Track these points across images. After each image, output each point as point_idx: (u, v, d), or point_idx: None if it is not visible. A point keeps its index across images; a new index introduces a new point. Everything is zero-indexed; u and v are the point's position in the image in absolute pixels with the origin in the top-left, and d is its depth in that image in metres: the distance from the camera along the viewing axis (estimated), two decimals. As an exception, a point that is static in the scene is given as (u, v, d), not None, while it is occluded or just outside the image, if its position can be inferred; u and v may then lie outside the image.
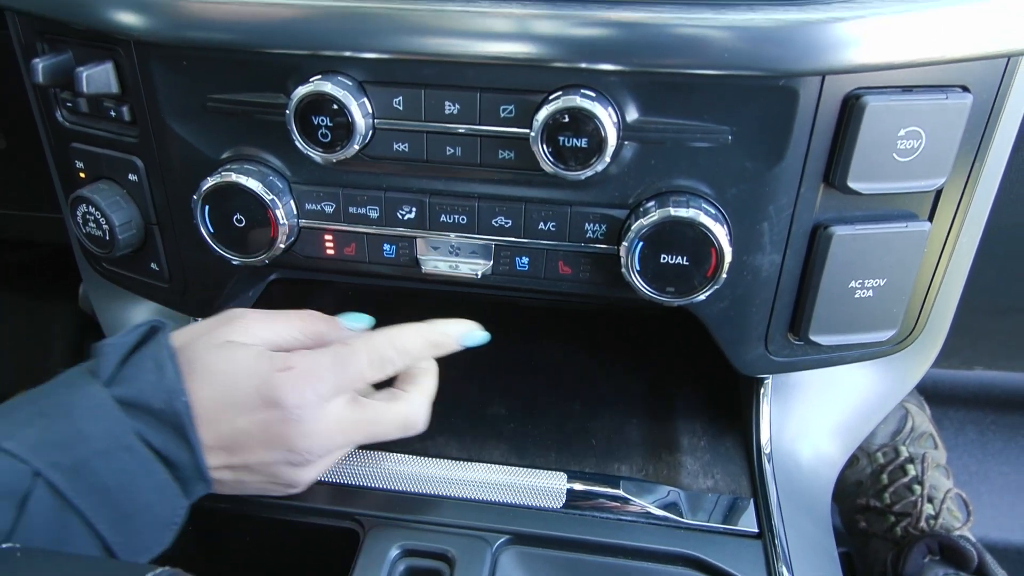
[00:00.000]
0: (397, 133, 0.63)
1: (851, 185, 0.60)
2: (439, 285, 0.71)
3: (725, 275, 0.62)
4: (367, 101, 0.61)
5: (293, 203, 0.67)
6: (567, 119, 0.58)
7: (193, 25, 0.61)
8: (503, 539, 0.64)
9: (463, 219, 0.66)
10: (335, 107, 0.60)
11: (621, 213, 0.63)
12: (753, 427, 0.73)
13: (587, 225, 0.64)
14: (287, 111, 0.61)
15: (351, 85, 0.61)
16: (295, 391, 0.58)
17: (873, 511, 1.25)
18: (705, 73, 0.57)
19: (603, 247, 0.65)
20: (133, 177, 0.71)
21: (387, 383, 0.67)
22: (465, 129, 0.62)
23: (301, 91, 0.60)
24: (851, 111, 0.57)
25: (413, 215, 0.67)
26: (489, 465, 0.70)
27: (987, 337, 1.14)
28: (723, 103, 0.58)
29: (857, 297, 0.65)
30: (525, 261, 0.67)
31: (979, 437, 1.57)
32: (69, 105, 0.72)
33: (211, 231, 0.68)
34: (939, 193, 0.63)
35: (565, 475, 0.68)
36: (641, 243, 0.61)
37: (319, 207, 0.68)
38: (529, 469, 0.69)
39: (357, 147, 0.62)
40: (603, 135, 0.58)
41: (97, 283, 0.88)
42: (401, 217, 0.67)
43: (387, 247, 0.69)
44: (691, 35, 0.55)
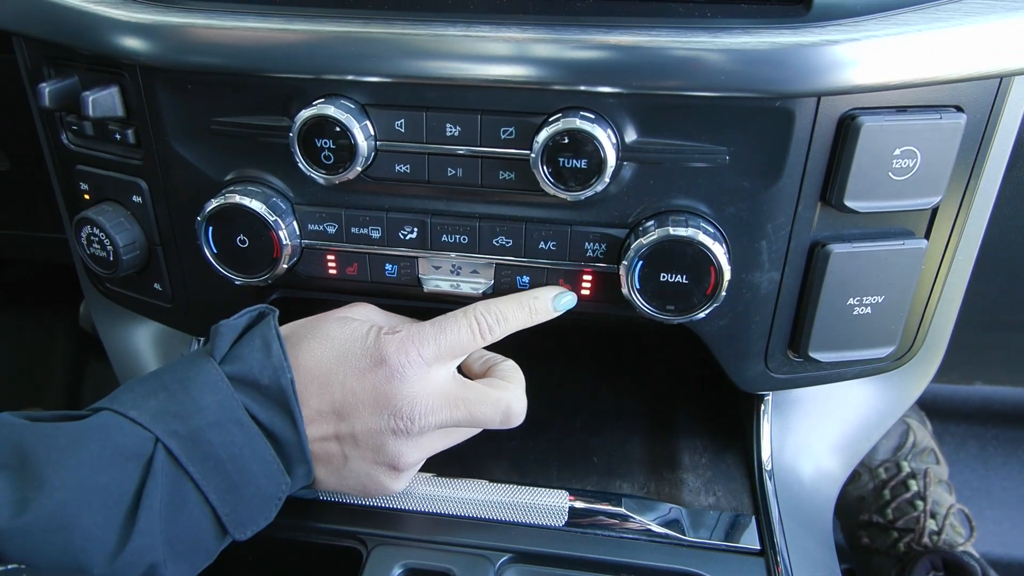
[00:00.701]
0: (399, 155, 0.64)
1: (848, 204, 0.60)
2: (441, 304, 0.72)
3: (724, 293, 0.62)
4: (369, 124, 0.62)
5: (296, 224, 0.68)
6: (567, 140, 0.59)
7: (198, 50, 0.62)
8: (505, 557, 0.64)
9: (464, 239, 0.67)
10: (338, 130, 0.61)
11: (621, 232, 0.64)
12: (754, 444, 0.73)
13: (587, 244, 0.65)
14: (290, 134, 0.62)
15: (353, 108, 0.61)
16: (400, 350, 0.62)
17: (875, 527, 1.25)
18: (702, 95, 0.58)
19: (603, 266, 0.65)
20: (137, 199, 0.72)
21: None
22: (466, 151, 0.63)
23: (304, 114, 0.61)
24: (847, 131, 0.58)
25: (415, 235, 0.67)
26: (491, 483, 0.70)
27: (986, 352, 1.14)
28: (720, 124, 0.59)
29: (856, 314, 0.66)
30: (526, 280, 0.68)
31: (980, 452, 1.57)
32: (75, 128, 0.73)
33: (214, 252, 0.68)
34: (935, 211, 0.64)
35: (567, 493, 0.68)
36: (641, 262, 0.62)
37: (321, 228, 0.68)
38: (531, 487, 0.70)
39: (359, 169, 0.63)
40: (602, 156, 0.59)
41: (100, 303, 0.88)
42: (403, 237, 0.68)
43: (389, 267, 0.69)
44: (688, 58, 0.56)
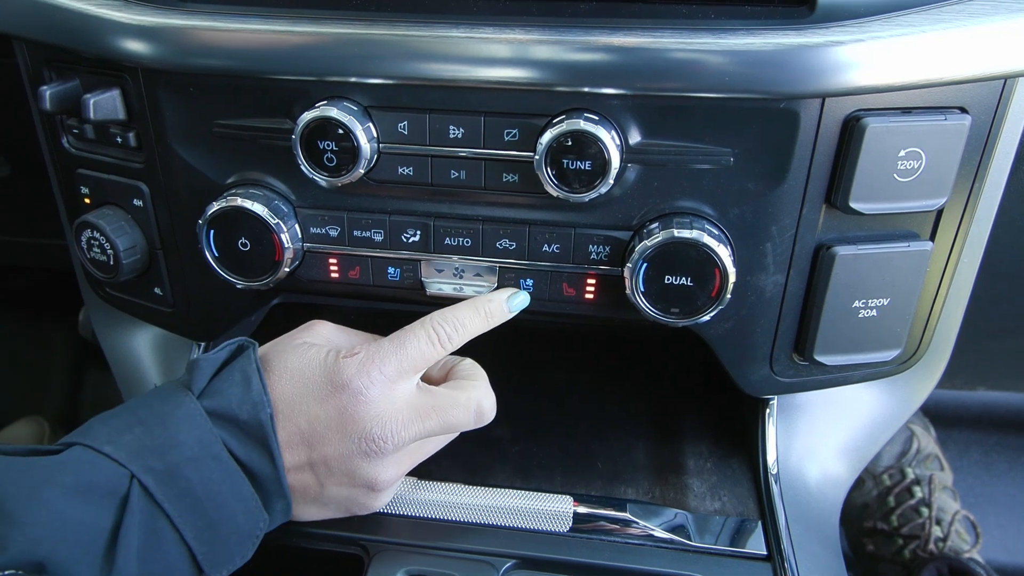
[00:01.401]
0: (402, 157, 0.64)
1: (853, 206, 0.60)
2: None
3: (729, 295, 0.62)
4: (372, 126, 0.62)
5: (298, 227, 0.68)
6: (570, 142, 0.58)
7: (200, 52, 0.62)
8: (509, 564, 0.64)
9: (467, 242, 0.66)
10: (340, 132, 0.61)
11: (625, 235, 0.64)
12: (760, 448, 0.73)
13: (591, 247, 0.65)
14: (293, 136, 0.61)
15: (356, 110, 0.61)
16: (361, 371, 0.61)
17: (880, 534, 1.24)
18: (706, 96, 0.57)
19: (607, 268, 0.65)
20: (138, 202, 0.72)
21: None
22: (469, 153, 0.62)
23: (307, 116, 0.60)
24: (851, 133, 0.58)
25: (417, 238, 0.67)
26: (494, 489, 0.70)
27: (990, 357, 1.14)
28: (725, 126, 0.59)
29: (861, 317, 0.65)
30: (529, 283, 0.67)
31: (984, 458, 1.56)
32: (75, 132, 0.72)
33: (216, 255, 0.68)
34: (940, 213, 0.64)
35: (571, 498, 0.68)
36: (645, 264, 0.62)
37: (324, 231, 0.68)
38: (535, 492, 0.69)
39: (362, 171, 0.63)
40: (606, 158, 0.58)
41: (100, 308, 0.88)
42: (406, 240, 0.67)
43: (391, 270, 0.69)
44: (692, 59, 0.56)
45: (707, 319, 0.63)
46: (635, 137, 0.60)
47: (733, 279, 0.61)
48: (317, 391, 0.61)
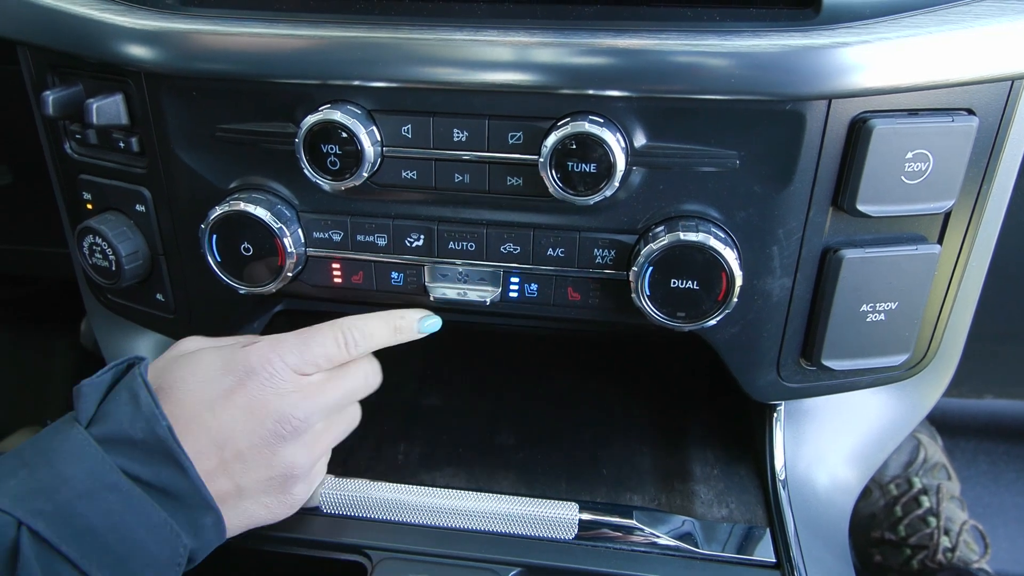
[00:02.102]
0: (405, 161, 0.63)
1: (860, 208, 0.60)
2: (447, 314, 0.71)
3: (736, 299, 0.61)
4: (376, 129, 0.62)
5: (301, 232, 0.67)
6: (575, 145, 0.58)
7: (203, 57, 0.62)
8: (514, 572, 0.63)
9: (471, 246, 0.66)
10: (344, 135, 0.60)
11: (630, 238, 0.63)
12: (767, 454, 0.72)
13: (596, 251, 0.64)
14: (296, 139, 0.61)
15: (360, 113, 0.61)
16: (261, 356, 0.61)
17: (888, 544, 1.23)
18: (712, 98, 0.57)
19: (612, 272, 0.65)
20: (140, 208, 0.71)
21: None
22: (473, 156, 0.62)
23: (310, 120, 0.60)
24: (858, 134, 0.58)
25: (421, 242, 0.66)
26: (498, 495, 0.69)
27: (997, 364, 1.13)
28: (730, 128, 0.58)
29: (869, 321, 0.65)
30: (534, 287, 0.67)
31: (991, 468, 1.55)
32: (78, 137, 0.72)
33: (218, 260, 0.67)
34: (948, 216, 0.63)
35: (576, 505, 0.67)
36: (651, 268, 0.61)
37: (327, 235, 0.67)
38: (539, 499, 0.68)
39: (366, 175, 0.62)
40: (611, 160, 0.58)
41: (102, 315, 0.87)
42: (409, 245, 0.67)
43: (395, 275, 0.68)
44: (697, 61, 0.56)
45: (713, 323, 0.63)
46: (640, 140, 0.60)
47: (740, 283, 0.61)
48: (219, 388, 0.60)
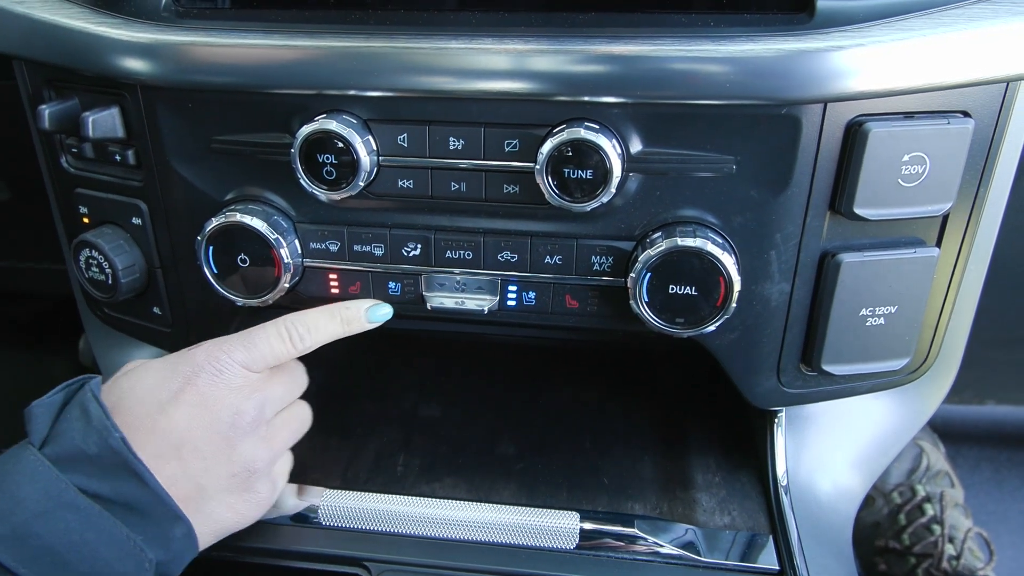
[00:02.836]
0: (402, 170, 0.63)
1: (857, 211, 0.59)
2: (445, 324, 0.71)
3: (734, 305, 0.61)
4: (372, 138, 0.62)
5: (297, 242, 0.67)
6: (571, 152, 0.58)
7: (199, 69, 0.62)
8: (515, 583, 0.62)
9: (469, 254, 0.66)
10: (340, 145, 0.60)
11: (627, 245, 0.63)
12: (769, 461, 0.71)
13: (594, 258, 0.64)
14: (292, 150, 0.61)
15: (356, 123, 0.61)
16: (210, 356, 0.61)
17: (892, 553, 1.22)
18: (707, 103, 0.57)
19: (610, 279, 0.64)
20: (137, 221, 0.71)
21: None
22: (469, 164, 0.62)
23: (306, 130, 0.60)
24: (854, 138, 0.58)
25: (418, 252, 0.66)
26: (499, 506, 0.68)
27: (998, 369, 1.12)
28: (726, 133, 0.58)
29: (869, 325, 0.65)
30: (532, 296, 0.66)
31: (994, 475, 1.54)
32: (74, 151, 0.72)
33: (215, 272, 0.67)
34: (946, 218, 0.63)
35: (577, 514, 0.66)
36: (649, 274, 0.61)
37: (323, 246, 0.67)
38: (540, 509, 0.67)
39: (362, 184, 0.62)
40: (608, 166, 0.58)
41: (99, 331, 0.87)
42: (406, 254, 0.67)
43: (392, 285, 0.68)
44: (692, 66, 0.56)
45: (712, 329, 0.63)
46: (636, 145, 0.60)
47: (738, 288, 0.61)
48: (169, 387, 0.60)
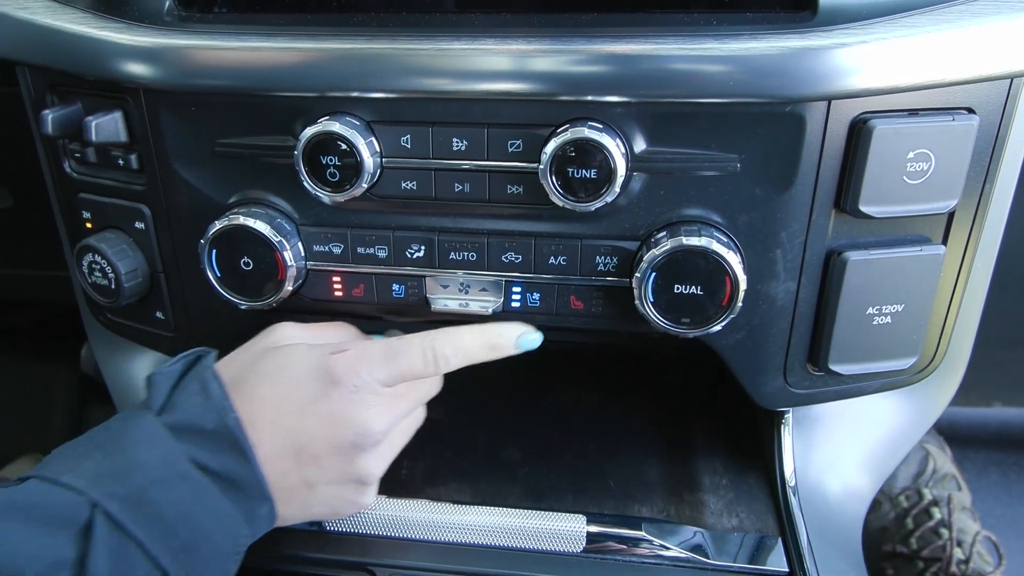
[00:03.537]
0: (405, 171, 0.63)
1: (863, 209, 0.59)
2: (449, 327, 0.70)
3: (740, 304, 0.61)
4: (375, 140, 0.62)
5: (301, 245, 0.67)
6: (575, 151, 0.58)
7: (202, 72, 0.62)
8: (522, 587, 0.61)
9: (473, 256, 0.65)
10: (343, 147, 0.60)
11: (632, 245, 0.63)
12: (777, 462, 0.71)
13: (598, 258, 0.64)
14: (295, 152, 0.61)
15: (359, 125, 0.61)
16: (351, 370, 0.60)
17: (900, 557, 1.21)
18: (711, 102, 0.57)
19: (615, 279, 0.64)
20: (140, 225, 0.71)
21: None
22: (473, 165, 0.62)
23: (309, 131, 0.60)
24: (859, 135, 0.57)
25: (422, 253, 0.66)
26: (504, 509, 0.67)
27: (1005, 370, 1.12)
28: (730, 131, 0.58)
29: (875, 324, 0.64)
30: (536, 297, 0.66)
31: (1002, 479, 1.53)
32: (77, 155, 0.72)
33: (218, 275, 0.67)
34: (951, 216, 0.63)
35: (584, 518, 0.66)
36: (654, 274, 0.61)
37: (327, 248, 0.67)
38: (546, 512, 0.67)
39: (365, 186, 0.62)
40: (612, 166, 0.58)
41: (102, 337, 0.87)
42: (410, 256, 0.66)
43: (396, 287, 0.68)
44: (695, 64, 0.56)
45: (718, 329, 0.62)
46: (640, 145, 0.59)
47: (744, 287, 0.60)
48: (305, 391, 0.60)
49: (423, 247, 0.66)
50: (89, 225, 0.74)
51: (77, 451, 0.56)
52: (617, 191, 0.59)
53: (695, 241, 0.59)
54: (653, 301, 0.62)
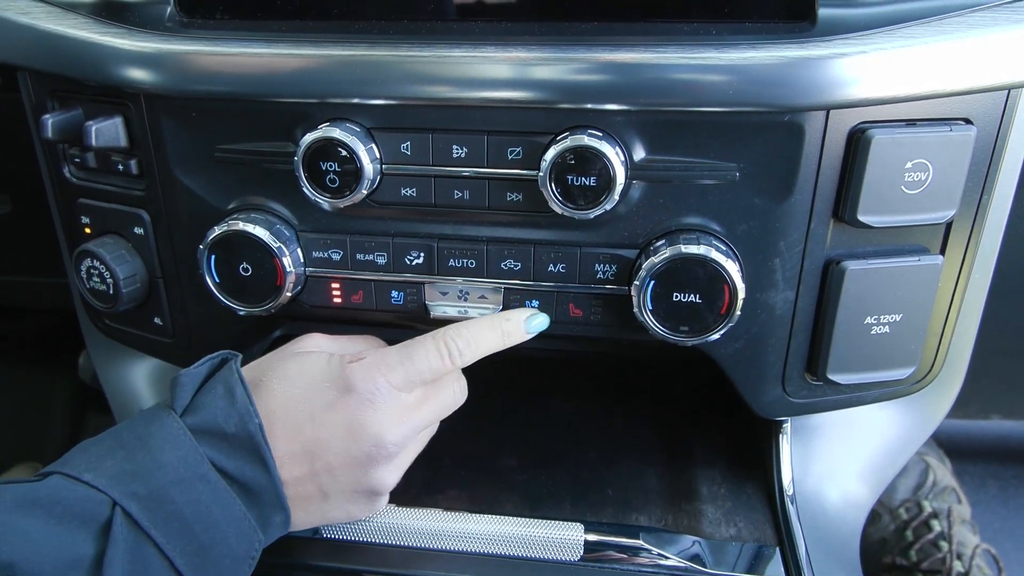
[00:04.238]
0: (405, 178, 0.63)
1: (861, 219, 0.59)
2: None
3: (739, 312, 0.61)
4: (375, 146, 0.62)
5: (300, 251, 0.67)
6: (574, 159, 0.58)
7: (203, 78, 0.62)
8: (519, 595, 0.61)
9: (472, 263, 0.65)
10: (343, 153, 0.60)
11: (631, 253, 0.63)
12: (775, 471, 0.70)
13: (597, 266, 0.64)
14: (295, 158, 0.61)
15: (359, 131, 0.61)
16: (367, 377, 0.60)
17: (900, 570, 1.20)
18: (710, 111, 0.57)
19: (614, 287, 0.64)
20: (139, 230, 0.71)
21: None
22: (473, 172, 0.62)
23: (309, 138, 0.60)
24: (857, 145, 0.58)
25: (421, 260, 0.66)
26: (501, 517, 0.67)
27: (1003, 381, 1.11)
28: (729, 140, 0.58)
29: (874, 333, 0.64)
30: (535, 304, 0.66)
31: (1001, 492, 1.53)
32: (77, 161, 0.72)
33: (217, 281, 0.67)
34: (949, 226, 0.63)
35: (582, 526, 0.65)
36: (653, 282, 0.61)
37: (326, 255, 0.67)
38: (543, 520, 0.66)
39: (365, 192, 0.62)
40: (611, 174, 0.58)
41: (100, 343, 0.87)
42: (409, 263, 0.66)
43: (395, 294, 0.68)
44: (695, 74, 0.56)
45: (717, 337, 0.62)
46: (639, 153, 0.60)
47: (742, 295, 0.60)
48: (322, 396, 0.60)
49: (422, 254, 0.66)
50: (88, 230, 0.74)
51: (99, 449, 0.56)
52: (616, 199, 0.59)
53: (694, 249, 0.59)
54: (652, 309, 0.62)
